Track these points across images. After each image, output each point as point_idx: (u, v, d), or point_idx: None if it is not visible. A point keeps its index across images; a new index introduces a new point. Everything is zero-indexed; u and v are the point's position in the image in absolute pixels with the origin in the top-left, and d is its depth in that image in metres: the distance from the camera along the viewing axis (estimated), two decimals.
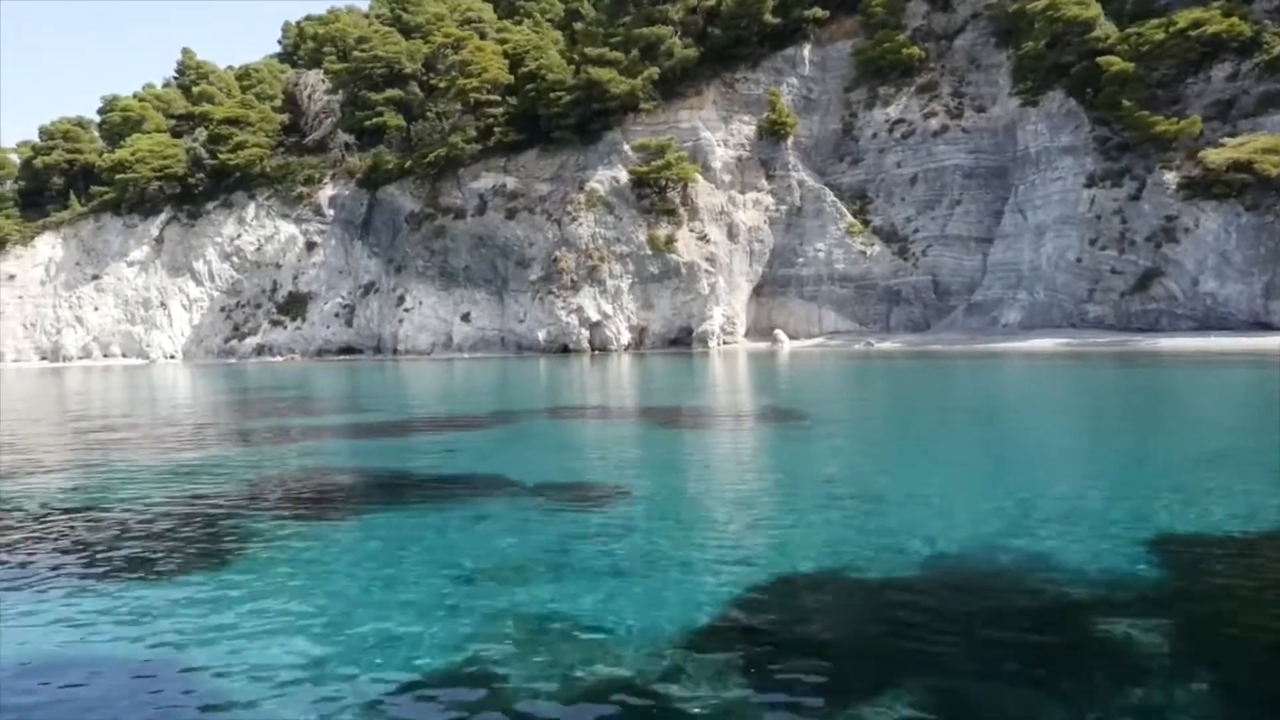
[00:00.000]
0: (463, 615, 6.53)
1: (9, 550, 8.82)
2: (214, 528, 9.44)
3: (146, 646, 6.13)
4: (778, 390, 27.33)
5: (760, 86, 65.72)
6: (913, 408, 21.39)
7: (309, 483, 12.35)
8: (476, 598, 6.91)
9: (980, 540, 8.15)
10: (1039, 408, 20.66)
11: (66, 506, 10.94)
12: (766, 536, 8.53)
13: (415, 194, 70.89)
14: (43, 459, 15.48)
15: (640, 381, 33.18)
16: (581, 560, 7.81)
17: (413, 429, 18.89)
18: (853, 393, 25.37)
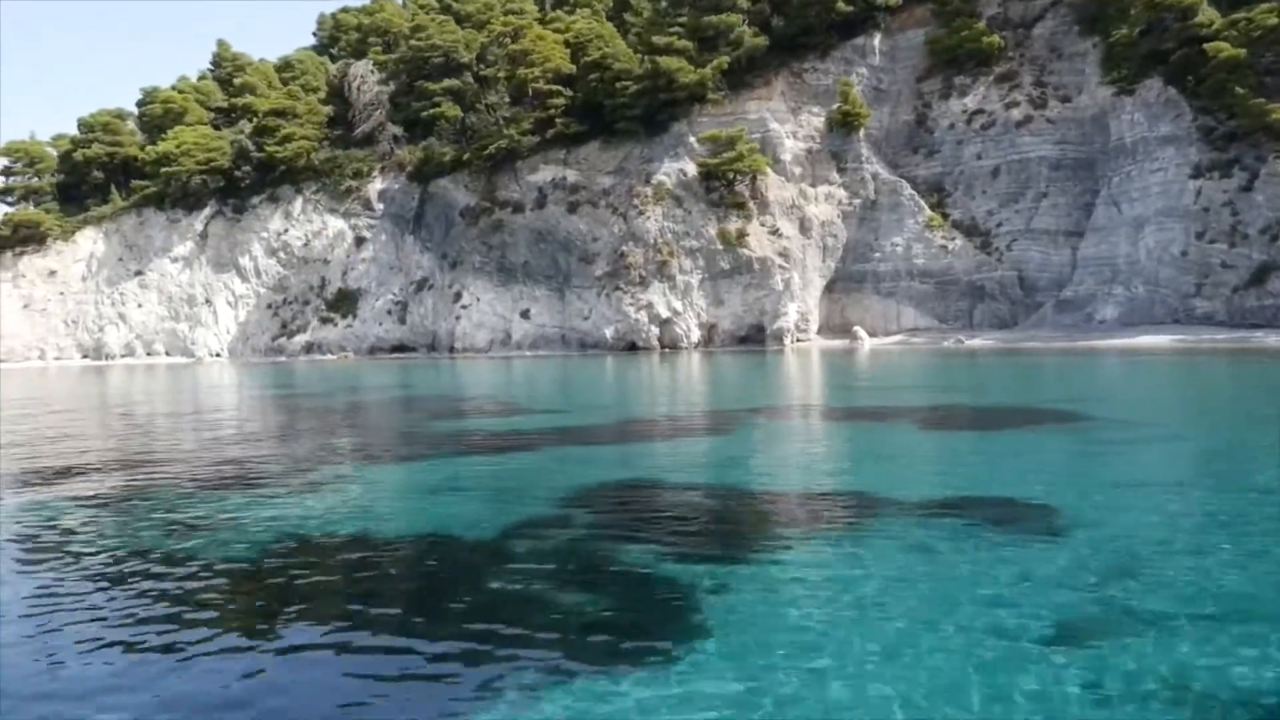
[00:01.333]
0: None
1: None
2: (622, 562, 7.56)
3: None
4: (984, 388, 25.29)
5: (829, 77, 63.90)
6: (1184, 407, 19.49)
7: (670, 500, 10.48)
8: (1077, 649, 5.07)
9: None
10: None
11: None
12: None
13: (470, 187, 68.99)
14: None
15: (778, 379, 31.33)
16: (1144, 602, 6.05)
17: (659, 433, 16.98)
18: (1083, 391, 23.38)
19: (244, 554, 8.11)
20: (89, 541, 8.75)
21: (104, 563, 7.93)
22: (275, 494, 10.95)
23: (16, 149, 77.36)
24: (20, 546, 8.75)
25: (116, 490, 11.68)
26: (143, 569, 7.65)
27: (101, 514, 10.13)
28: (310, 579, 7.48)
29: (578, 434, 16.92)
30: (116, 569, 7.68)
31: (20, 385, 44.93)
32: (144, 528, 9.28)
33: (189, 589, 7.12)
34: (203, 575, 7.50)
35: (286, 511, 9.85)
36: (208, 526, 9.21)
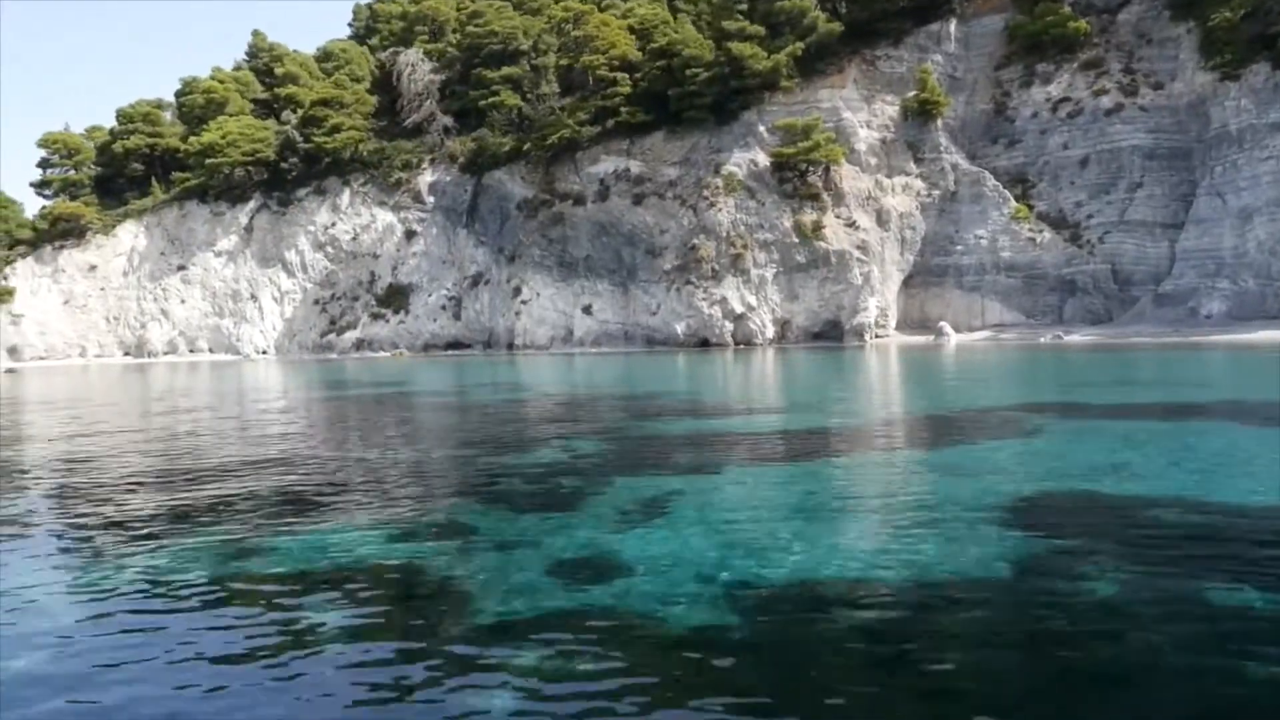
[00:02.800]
0: None
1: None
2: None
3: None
4: (1181, 384, 23.16)
5: (903, 64, 61.81)
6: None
7: (1147, 518, 8.32)
8: None
9: None
10: None
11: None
12: None
13: (527, 179, 66.86)
14: None
15: (936, 376, 29.20)
16: None
17: (974, 433, 14.89)
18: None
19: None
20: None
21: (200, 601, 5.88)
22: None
23: (55, 140, 75.16)
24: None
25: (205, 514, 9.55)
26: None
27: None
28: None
29: (873, 436, 14.78)
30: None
31: (63, 384, 42.81)
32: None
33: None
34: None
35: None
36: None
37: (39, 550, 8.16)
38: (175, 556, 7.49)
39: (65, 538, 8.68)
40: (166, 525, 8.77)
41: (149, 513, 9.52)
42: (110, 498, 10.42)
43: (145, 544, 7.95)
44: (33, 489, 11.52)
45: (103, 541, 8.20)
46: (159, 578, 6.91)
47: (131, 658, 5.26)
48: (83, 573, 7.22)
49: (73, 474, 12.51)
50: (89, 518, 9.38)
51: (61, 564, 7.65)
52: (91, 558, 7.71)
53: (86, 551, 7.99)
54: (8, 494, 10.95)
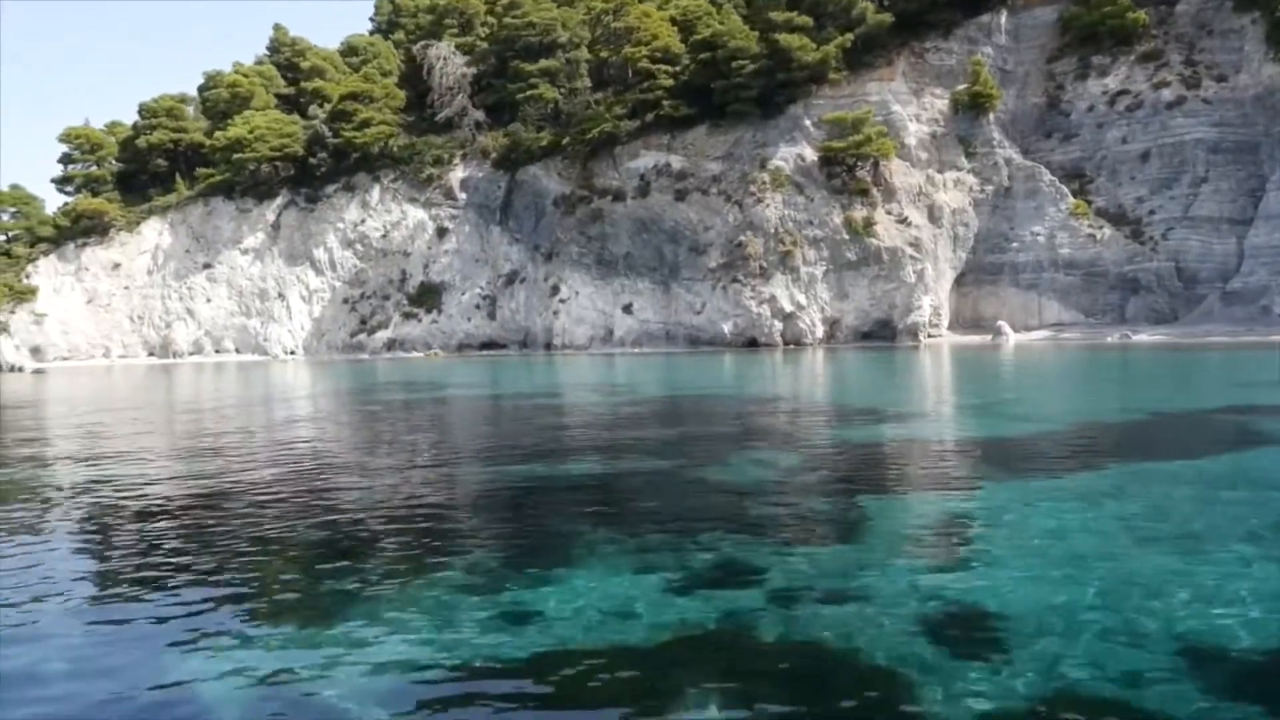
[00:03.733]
0: None
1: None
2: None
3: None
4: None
5: (953, 56, 60.29)
6: None
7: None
8: None
9: None
10: None
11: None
12: None
13: (564, 175, 65.21)
14: None
15: (1034, 377, 27.57)
16: None
17: (1169, 439, 13.28)
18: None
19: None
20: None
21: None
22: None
23: (77, 135, 73.39)
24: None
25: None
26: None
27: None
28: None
29: (1094, 443, 13.15)
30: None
31: (91, 385, 41.17)
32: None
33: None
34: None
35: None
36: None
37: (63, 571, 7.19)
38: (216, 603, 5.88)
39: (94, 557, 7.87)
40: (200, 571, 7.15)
41: (177, 546, 7.90)
42: (137, 522, 8.80)
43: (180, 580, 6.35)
44: (56, 504, 9.97)
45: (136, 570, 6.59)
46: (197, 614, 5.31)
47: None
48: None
49: (96, 491, 10.89)
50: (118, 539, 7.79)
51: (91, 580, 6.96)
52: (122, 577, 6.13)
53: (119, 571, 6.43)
54: (29, 511, 9.33)
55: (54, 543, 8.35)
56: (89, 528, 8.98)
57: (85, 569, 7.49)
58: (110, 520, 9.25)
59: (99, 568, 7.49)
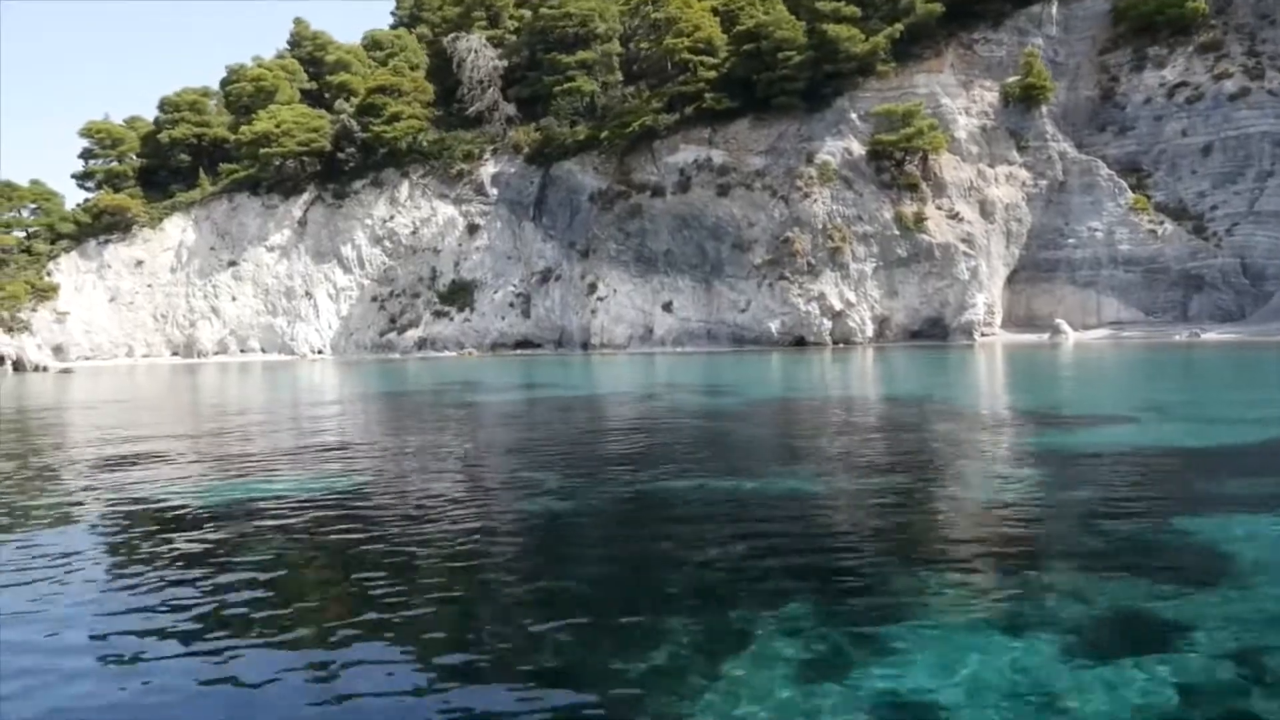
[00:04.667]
0: None
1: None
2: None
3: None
4: None
5: (1002, 48, 58.75)
6: None
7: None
8: None
9: None
10: None
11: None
12: None
13: (600, 170, 63.59)
14: None
15: (1163, 378, 25.97)
16: None
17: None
18: None
19: None
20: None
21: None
22: None
23: (99, 130, 71.71)
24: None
25: None
26: None
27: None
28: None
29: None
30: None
31: (119, 385, 39.57)
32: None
33: None
34: None
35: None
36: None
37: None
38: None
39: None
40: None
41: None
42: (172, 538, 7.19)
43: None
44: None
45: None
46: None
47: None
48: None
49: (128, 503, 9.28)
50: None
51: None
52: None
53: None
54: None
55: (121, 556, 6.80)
56: (160, 544, 7.39)
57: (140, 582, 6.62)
58: (187, 538, 7.64)
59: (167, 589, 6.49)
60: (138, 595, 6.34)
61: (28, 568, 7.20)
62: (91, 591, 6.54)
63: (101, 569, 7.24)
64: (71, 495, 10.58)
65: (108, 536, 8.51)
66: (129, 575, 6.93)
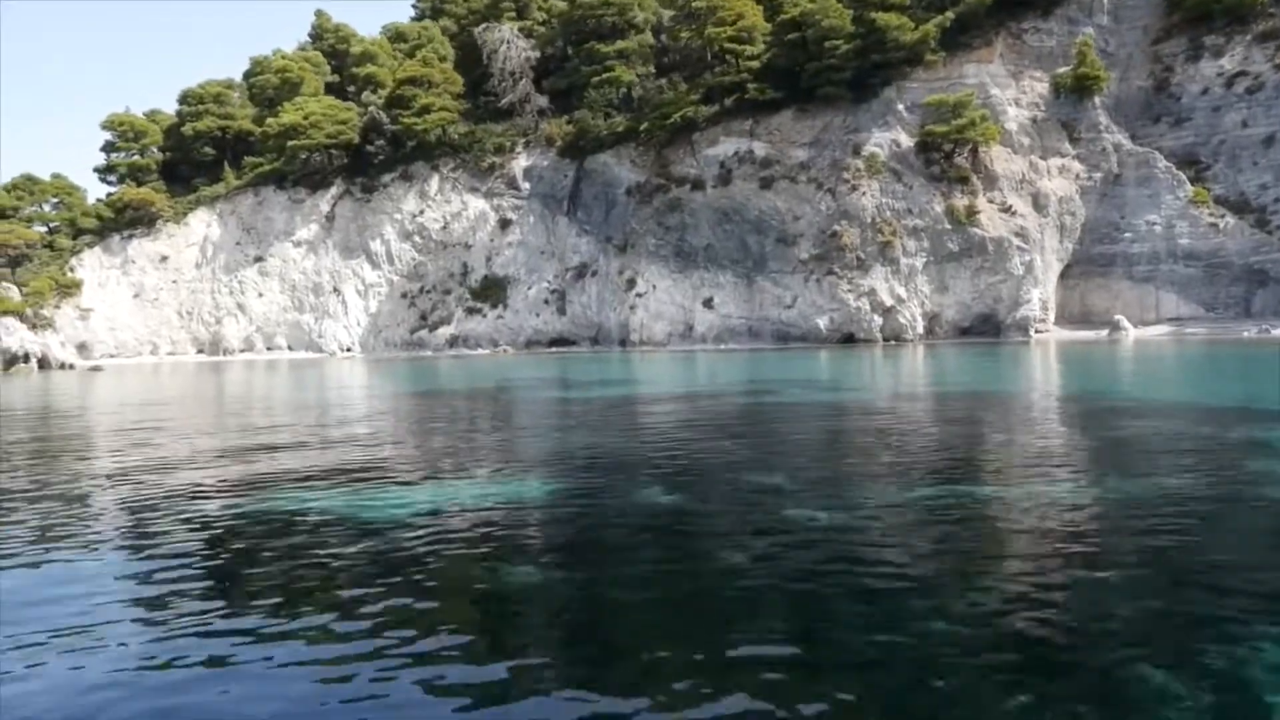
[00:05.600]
0: None
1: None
2: None
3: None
4: None
5: (1052, 37, 57.34)
6: None
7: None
8: None
9: None
10: None
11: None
12: None
13: (637, 163, 62.18)
14: None
15: (1264, 373, 24.49)
16: None
17: None
18: None
19: None
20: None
21: None
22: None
23: (121, 122, 70.19)
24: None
25: None
26: None
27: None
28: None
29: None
30: None
31: (151, 384, 38.10)
32: None
33: None
34: None
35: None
36: None
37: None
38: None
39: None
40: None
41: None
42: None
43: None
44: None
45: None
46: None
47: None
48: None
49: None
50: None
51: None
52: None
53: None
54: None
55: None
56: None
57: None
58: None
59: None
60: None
61: (138, 597, 5.80)
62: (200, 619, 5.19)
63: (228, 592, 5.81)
64: (133, 508, 9.11)
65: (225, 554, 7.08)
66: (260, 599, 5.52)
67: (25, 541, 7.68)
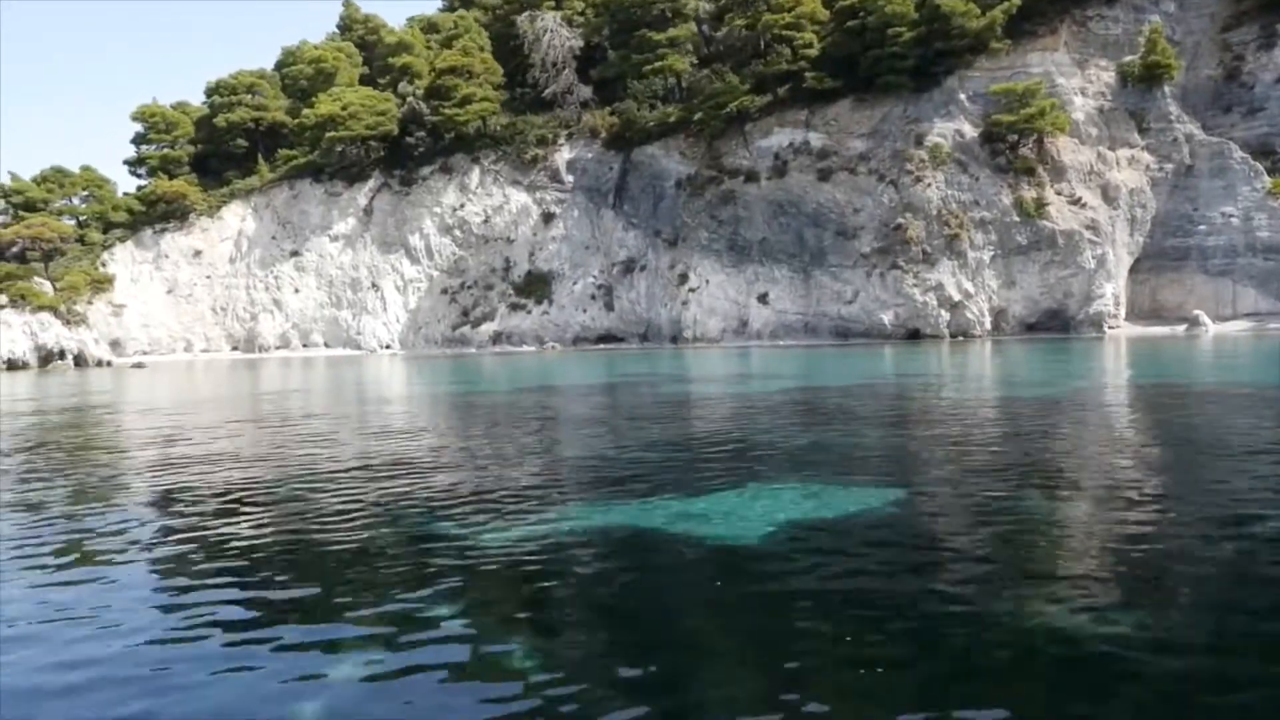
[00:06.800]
0: None
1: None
2: None
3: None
4: None
5: (1118, 25, 55.75)
6: None
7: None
8: None
9: None
10: None
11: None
12: None
13: (687, 155, 60.52)
14: None
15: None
16: None
17: None
18: None
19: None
20: None
21: None
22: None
23: (153, 113, 68.35)
24: None
25: None
26: None
27: None
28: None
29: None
30: None
31: (193, 383, 36.45)
32: None
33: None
34: None
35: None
36: None
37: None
38: None
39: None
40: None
41: None
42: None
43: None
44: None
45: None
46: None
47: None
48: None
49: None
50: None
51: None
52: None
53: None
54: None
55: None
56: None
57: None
58: None
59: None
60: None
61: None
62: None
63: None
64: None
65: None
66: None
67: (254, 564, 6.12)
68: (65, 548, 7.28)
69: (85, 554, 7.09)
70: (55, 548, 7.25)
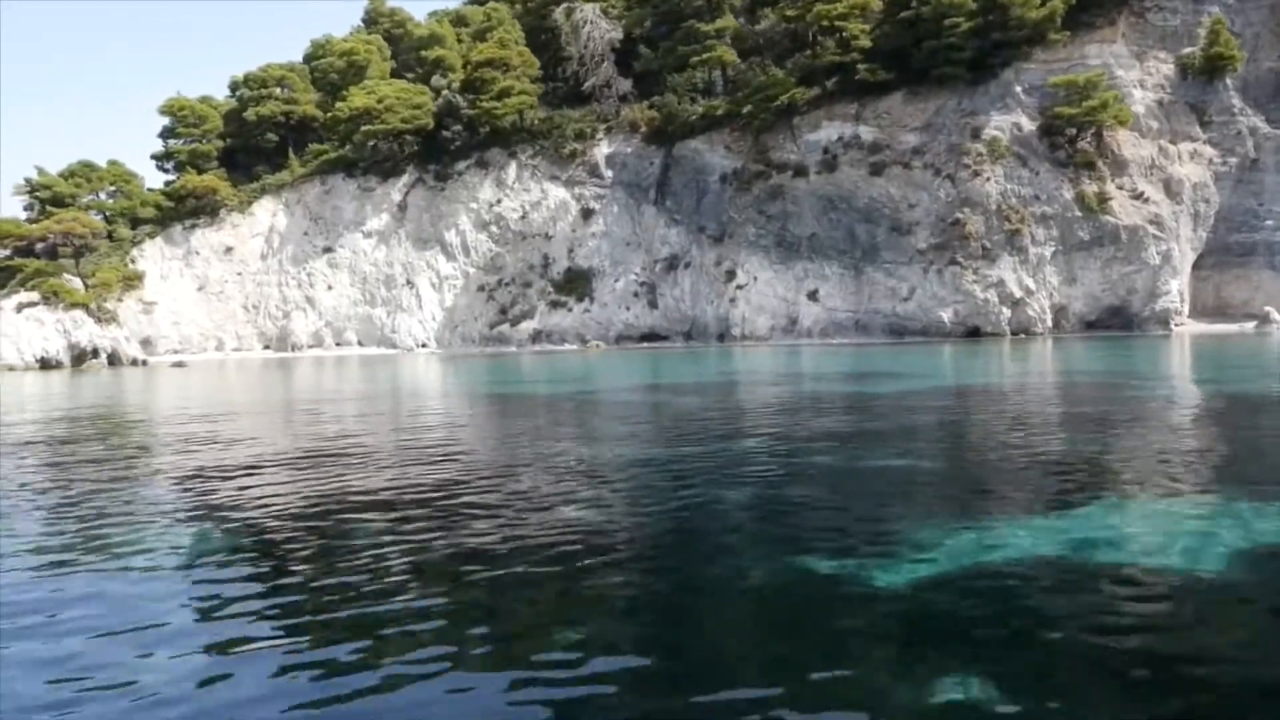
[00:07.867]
0: None
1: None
2: None
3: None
4: None
5: (1176, 16, 54.57)
6: None
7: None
8: None
9: None
10: None
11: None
12: None
13: (732, 149, 59.18)
14: None
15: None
16: None
17: None
18: None
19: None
20: None
21: None
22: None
23: (181, 107, 66.84)
24: None
25: None
26: None
27: None
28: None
29: None
30: None
31: (239, 382, 35.04)
32: None
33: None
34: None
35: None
36: None
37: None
38: None
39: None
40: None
41: None
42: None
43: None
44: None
45: None
46: None
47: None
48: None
49: None
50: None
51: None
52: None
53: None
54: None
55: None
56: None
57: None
58: None
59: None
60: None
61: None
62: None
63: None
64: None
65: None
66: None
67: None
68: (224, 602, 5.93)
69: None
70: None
